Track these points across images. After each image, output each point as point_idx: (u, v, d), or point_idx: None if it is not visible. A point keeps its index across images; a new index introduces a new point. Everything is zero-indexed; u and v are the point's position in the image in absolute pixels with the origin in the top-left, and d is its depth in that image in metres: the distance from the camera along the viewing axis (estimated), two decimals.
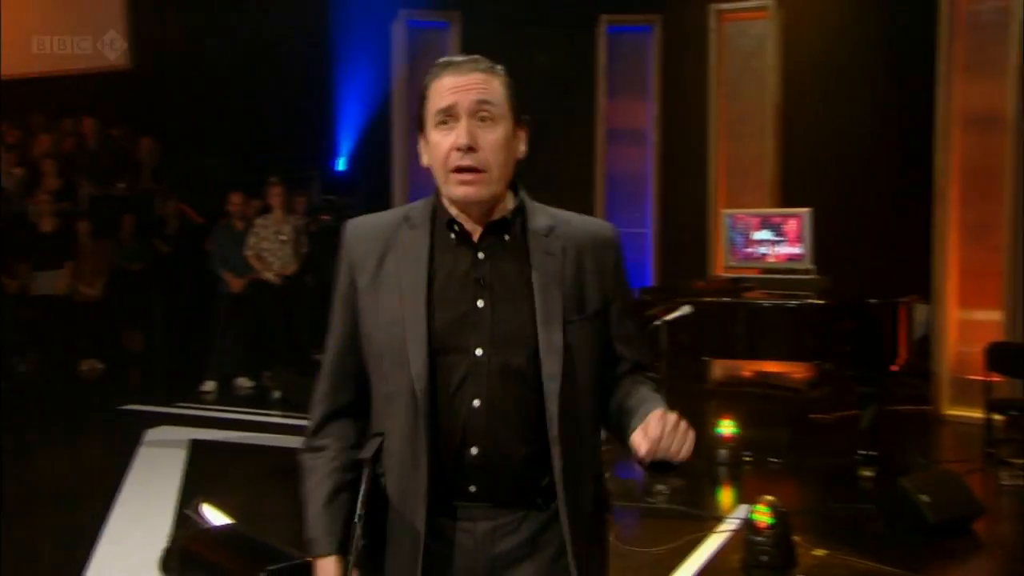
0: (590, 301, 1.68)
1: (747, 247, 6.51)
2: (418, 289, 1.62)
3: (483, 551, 1.62)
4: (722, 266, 6.96)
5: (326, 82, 8.58)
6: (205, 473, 5.78)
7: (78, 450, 6.47)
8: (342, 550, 1.65)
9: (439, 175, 1.64)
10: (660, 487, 5.06)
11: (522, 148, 1.70)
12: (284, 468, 5.82)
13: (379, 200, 8.46)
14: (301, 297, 8.36)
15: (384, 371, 1.65)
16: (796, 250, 6.30)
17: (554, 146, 8.44)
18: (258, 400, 7.99)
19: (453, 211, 1.66)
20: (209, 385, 8.27)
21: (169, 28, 10.43)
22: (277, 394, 7.90)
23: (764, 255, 6.44)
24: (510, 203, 1.68)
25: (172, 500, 5.03)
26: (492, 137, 1.62)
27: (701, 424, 6.19)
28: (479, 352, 1.61)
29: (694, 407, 6.42)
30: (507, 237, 1.67)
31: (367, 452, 1.62)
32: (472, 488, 1.62)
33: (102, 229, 9.62)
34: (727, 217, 6.77)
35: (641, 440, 1.54)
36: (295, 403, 7.52)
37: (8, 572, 4.25)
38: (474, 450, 1.60)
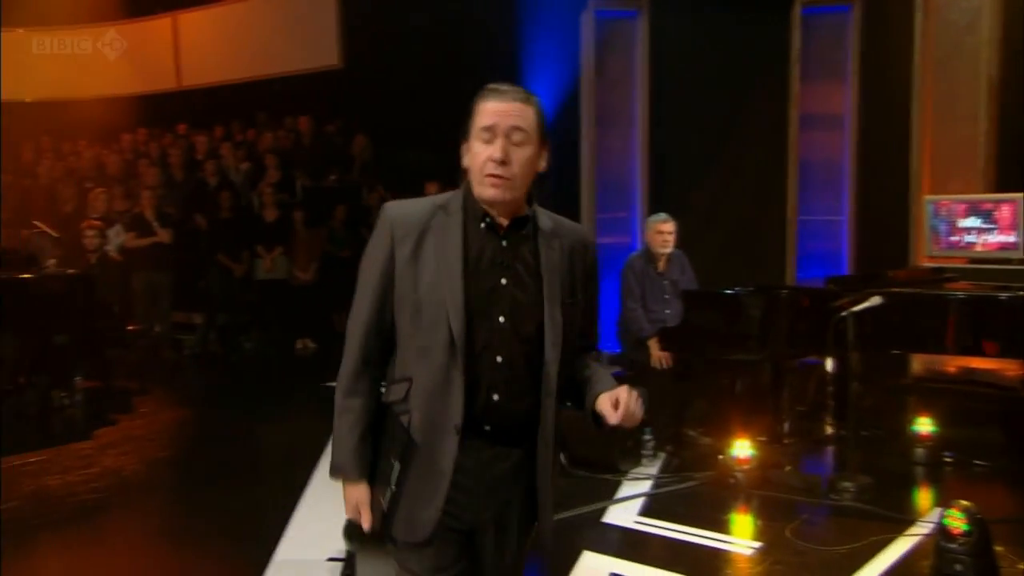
0: (577, 290, 2.09)
1: (952, 235, 6.03)
2: (455, 265, 1.98)
3: (485, 472, 2.03)
4: (924, 256, 6.47)
5: (516, 73, 8.67)
6: None
7: (289, 422, 6.88)
8: (369, 478, 2.06)
9: (475, 176, 2.01)
10: (846, 484, 4.77)
11: (543, 164, 2.05)
12: None
13: (568, 189, 8.45)
14: None
15: (421, 327, 1.99)
16: (1009, 238, 5.77)
17: (745, 132, 8.13)
18: None
19: (484, 206, 2.02)
20: None
21: (375, 27, 10.88)
22: None
23: (971, 244, 5.94)
24: (525, 207, 2.07)
25: None
26: (521, 155, 1.99)
27: (897, 420, 5.80)
28: (501, 320, 1.99)
29: (889, 402, 6.02)
30: (524, 231, 2.05)
31: (397, 395, 2.04)
32: (487, 427, 2.02)
33: (315, 218, 10.22)
34: (929, 204, 6.29)
35: (610, 406, 1.97)
36: None
37: (223, 531, 4.60)
38: (495, 396, 1.99)
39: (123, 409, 7.20)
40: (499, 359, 1.98)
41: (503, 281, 2.00)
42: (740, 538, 4.38)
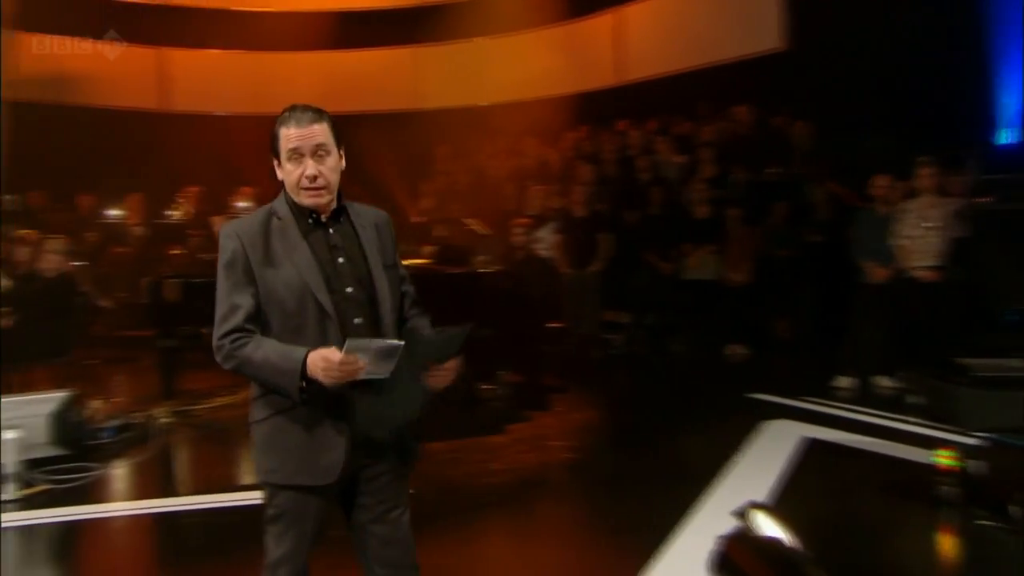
0: (388, 257, 2.77)
1: None
2: (305, 254, 2.63)
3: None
4: None
5: (982, 50, 7.55)
6: (806, 475, 5.57)
7: (702, 433, 6.72)
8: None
9: (292, 190, 2.66)
10: None
11: (343, 164, 2.71)
12: (906, 482, 5.32)
13: None
14: (948, 291, 7.50)
15: (288, 311, 2.60)
16: None
17: None
18: (895, 404, 7.43)
19: (307, 208, 2.67)
20: (843, 381, 7.97)
21: (822, 3, 10.28)
22: (914, 399, 7.27)
23: None
24: (336, 201, 2.72)
25: (762, 498, 4.93)
26: (327, 165, 2.65)
27: None
28: (349, 290, 2.65)
29: None
30: (342, 219, 2.73)
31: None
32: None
33: (752, 215, 9.92)
34: None
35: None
36: (934, 412, 6.81)
37: (594, 543, 4.63)
38: None
39: (540, 406, 7.58)
40: (357, 320, 2.63)
41: (340, 260, 2.67)
42: None
